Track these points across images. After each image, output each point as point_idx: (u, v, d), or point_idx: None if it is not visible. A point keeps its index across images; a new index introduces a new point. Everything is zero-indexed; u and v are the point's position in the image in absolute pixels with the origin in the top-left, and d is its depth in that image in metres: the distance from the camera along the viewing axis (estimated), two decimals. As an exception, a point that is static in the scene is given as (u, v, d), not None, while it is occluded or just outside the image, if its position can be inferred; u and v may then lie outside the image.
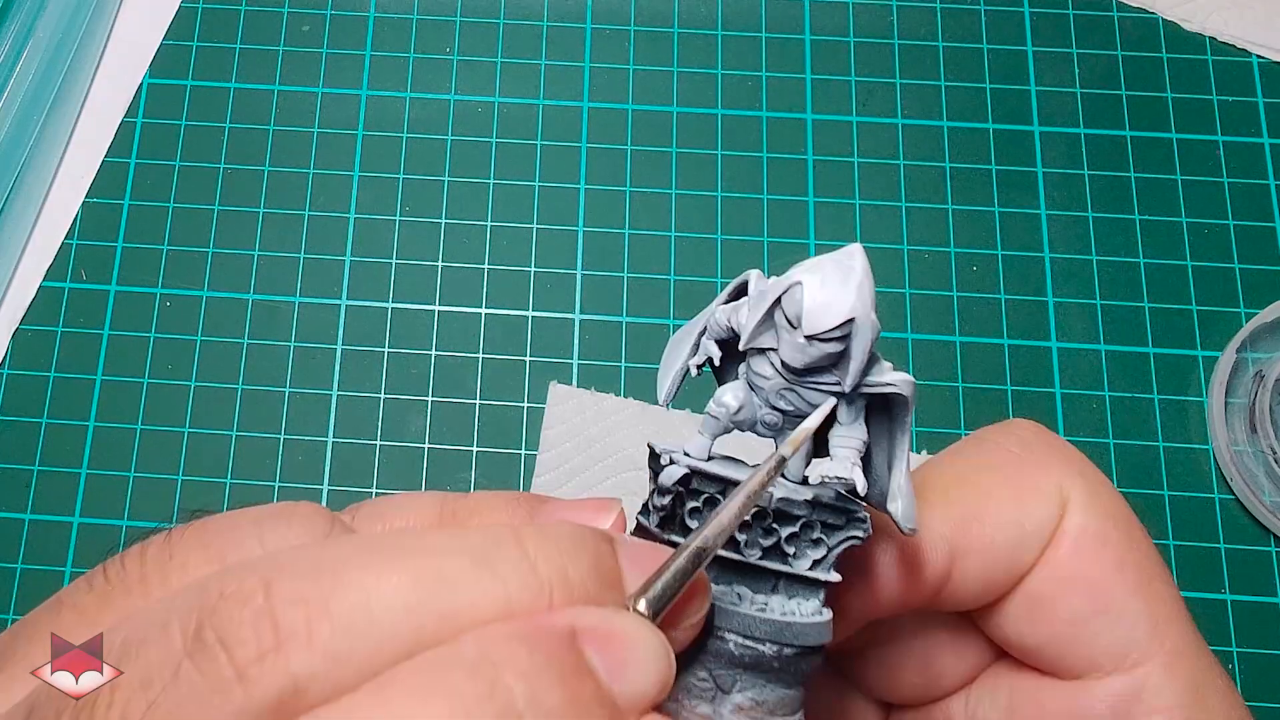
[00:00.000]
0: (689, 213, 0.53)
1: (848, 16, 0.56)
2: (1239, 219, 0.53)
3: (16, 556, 0.48)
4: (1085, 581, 0.22)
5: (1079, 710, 0.22)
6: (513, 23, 0.56)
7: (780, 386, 0.20)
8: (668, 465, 0.20)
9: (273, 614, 0.15)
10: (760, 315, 0.20)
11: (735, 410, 0.21)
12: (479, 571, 0.16)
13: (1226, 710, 0.22)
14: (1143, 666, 0.22)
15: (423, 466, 0.49)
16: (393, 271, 0.52)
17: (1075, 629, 0.22)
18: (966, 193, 0.53)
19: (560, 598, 0.16)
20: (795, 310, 0.19)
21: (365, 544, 0.17)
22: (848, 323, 0.19)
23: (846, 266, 0.19)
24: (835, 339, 0.19)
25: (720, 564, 0.20)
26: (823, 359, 0.19)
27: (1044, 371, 0.51)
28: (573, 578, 0.17)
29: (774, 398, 0.21)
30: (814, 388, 0.20)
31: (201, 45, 0.56)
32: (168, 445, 0.50)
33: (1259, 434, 0.49)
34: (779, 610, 0.20)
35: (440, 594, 0.16)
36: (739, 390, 0.21)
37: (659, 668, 0.16)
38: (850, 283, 0.19)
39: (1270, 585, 0.48)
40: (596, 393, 0.50)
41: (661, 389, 0.22)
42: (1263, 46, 0.55)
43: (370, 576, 0.16)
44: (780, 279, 0.20)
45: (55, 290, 0.52)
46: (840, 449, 0.21)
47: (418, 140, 0.54)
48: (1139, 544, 0.23)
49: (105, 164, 0.54)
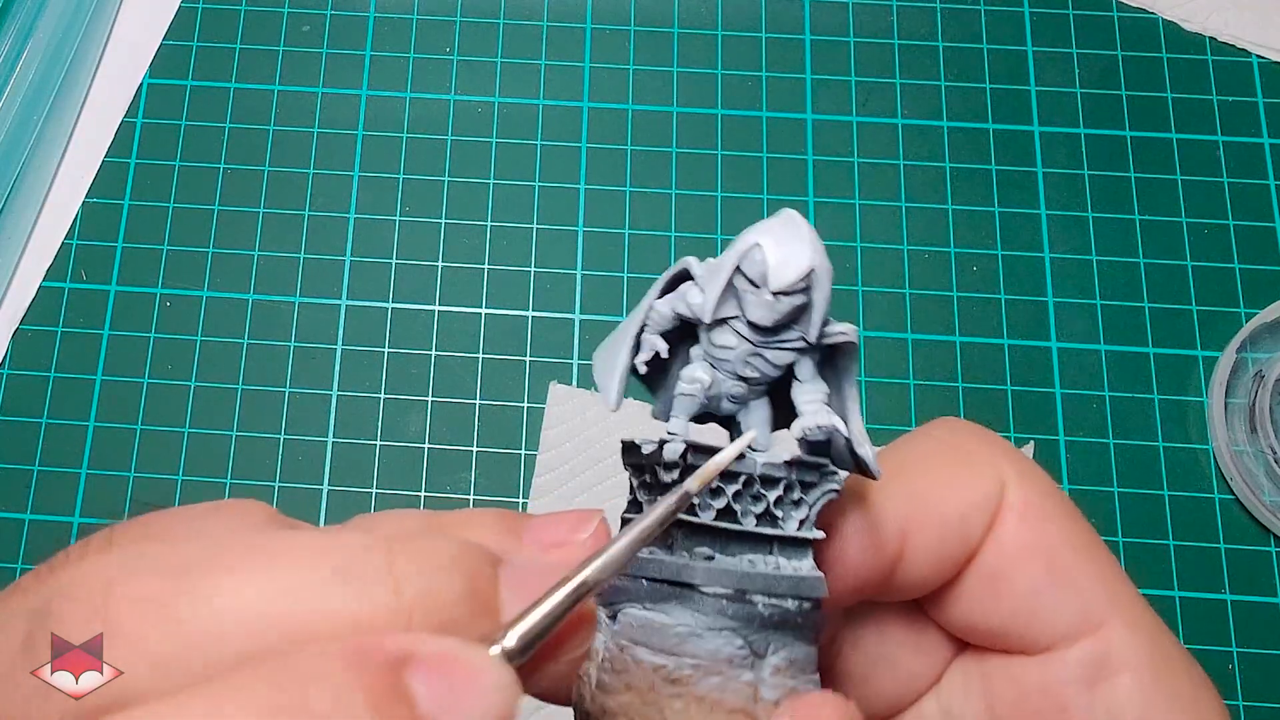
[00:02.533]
0: (689, 213, 0.53)
1: (848, 16, 0.56)
2: (1239, 219, 0.53)
3: (16, 556, 0.48)
4: (1037, 551, 0.22)
5: (1054, 678, 0.22)
6: (513, 23, 0.56)
7: (747, 353, 0.21)
8: (662, 445, 0.21)
9: (107, 614, 0.15)
10: (722, 284, 0.20)
11: (708, 385, 0.21)
12: (336, 585, 0.16)
13: (1184, 661, 0.23)
14: (1105, 629, 0.22)
15: (423, 466, 0.49)
16: (393, 271, 0.52)
17: (1035, 600, 0.22)
18: (966, 193, 0.53)
19: (420, 621, 0.16)
20: (759, 270, 0.20)
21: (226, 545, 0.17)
22: (809, 274, 0.20)
23: (793, 223, 0.20)
24: (800, 290, 0.20)
25: (725, 536, 0.21)
26: (790, 313, 0.20)
27: (1044, 371, 0.51)
28: (440, 600, 0.16)
29: (740, 366, 0.21)
30: (779, 347, 0.21)
31: (201, 45, 0.56)
32: (168, 445, 0.50)
33: (1259, 434, 0.49)
34: (789, 568, 0.21)
35: (289, 605, 0.16)
36: (705, 367, 0.21)
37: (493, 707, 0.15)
38: (802, 237, 0.20)
39: (1270, 585, 0.48)
40: (596, 393, 0.50)
41: (610, 392, 0.22)
42: (1263, 46, 0.55)
43: (219, 580, 0.16)
44: (731, 249, 0.20)
45: (55, 290, 0.52)
46: (809, 404, 0.21)
47: (418, 140, 0.54)
48: (1076, 516, 0.23)
49: (105, 164, 0.54)
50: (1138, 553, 0.48)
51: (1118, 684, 0.22)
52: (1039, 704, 0.22)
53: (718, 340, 0.21)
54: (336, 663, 0.15)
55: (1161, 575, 0.48)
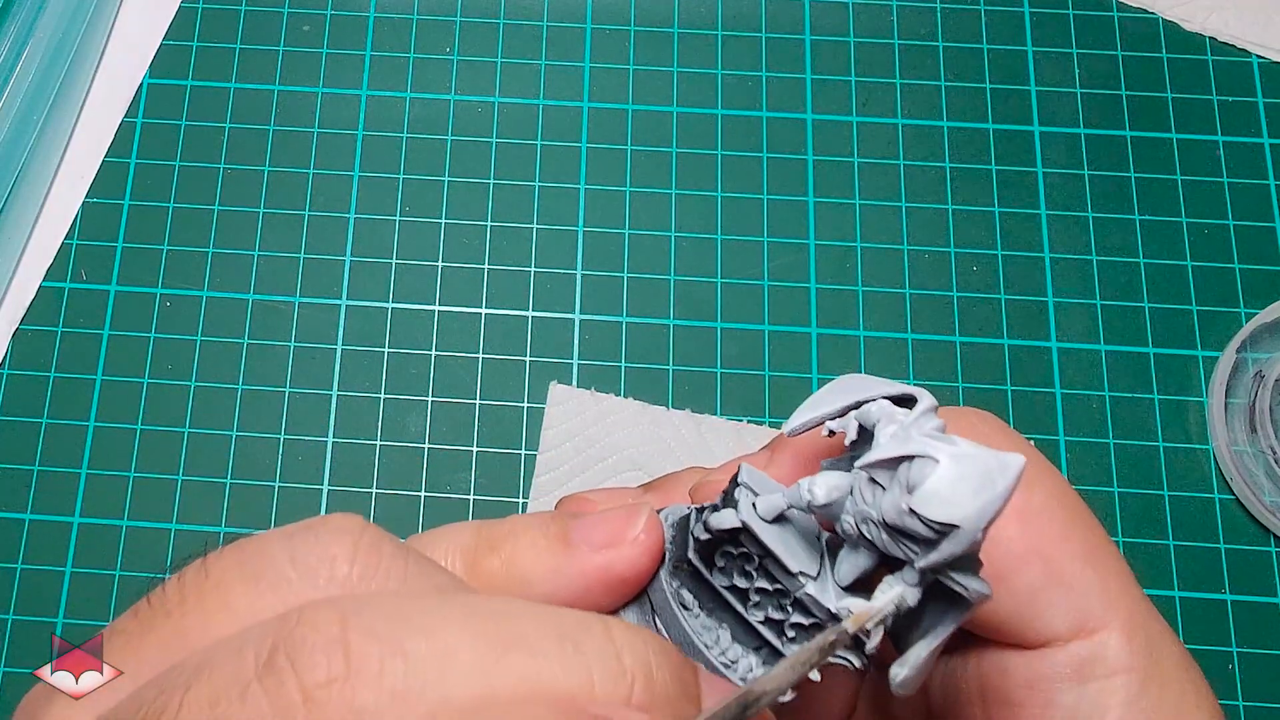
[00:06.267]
0: (689, 213, 0.53)
1: (848, 16, 0.56)
2: (1239, 219, 0.53)
3: (16, 556, 0.48)
4: (1038, 555, 0.23)
5: (1043, 672, 0.23)
6: (513, 23, 0.56)
7: (870, 517, 0.19)
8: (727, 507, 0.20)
9: (346, 644, 0.15)
10: (886, 458, 0.19)
11: (821, 504, 0.20)
12: (563, 646, 0.16)
13: (1180, 672, 0.23)
14: (1100, 633, 0.23)
15: (422, 466, 0.49)
16: (393, 271, 0.52)
17: (1033, 601, 0.23)
18: (966, 193, 0.53)
19: (641, 693, 0.16)
20: (915, 481, 0.18)
21: (450, 597, 0.17)
22: (954, 529, 0.18)
23: (993, 478, 0.18)
24: (933, 529, 0.18)
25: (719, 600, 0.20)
26: (913, 532, 0.19)
27: (1044, 371, 0.51)
28: (656, 677, 0.16)
29: (859, 520, 0.20)
30: (898, 541, 0.19)
31: (201, 45, 0.56)
32: (168, 445, 0.50)
33: (1259, 434, 0.49)
34: (743, 672, 0.20)
35: (520, 660, 0.16)
36: (839, 486, 0.20)
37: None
38: (981, 495, 0.18)
39: (1270, 585, 0.48)
40: (596, 393, 0.50)
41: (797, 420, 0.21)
42: (1263, 46, 0.55)
43: (452, 627, 0.16)
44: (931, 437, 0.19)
45: (55, 290, 0.52)
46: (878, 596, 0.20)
47: (418, 140, 0.54)
48: (1085, 519, 0.23)
49: (105, 164, 0.54)
50: (1137, 553, 0.48)
51: (1106, 687, 0.22)
52: (1024, 697, 0.23)
53: (861, 486, 0.20)
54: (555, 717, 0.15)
55: (1161, 575, 0.48)
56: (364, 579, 0.18)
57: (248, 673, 0.15)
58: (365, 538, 0.18)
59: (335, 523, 0.18)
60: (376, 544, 0.18)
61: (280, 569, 0.18)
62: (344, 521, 0.18)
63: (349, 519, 0.19)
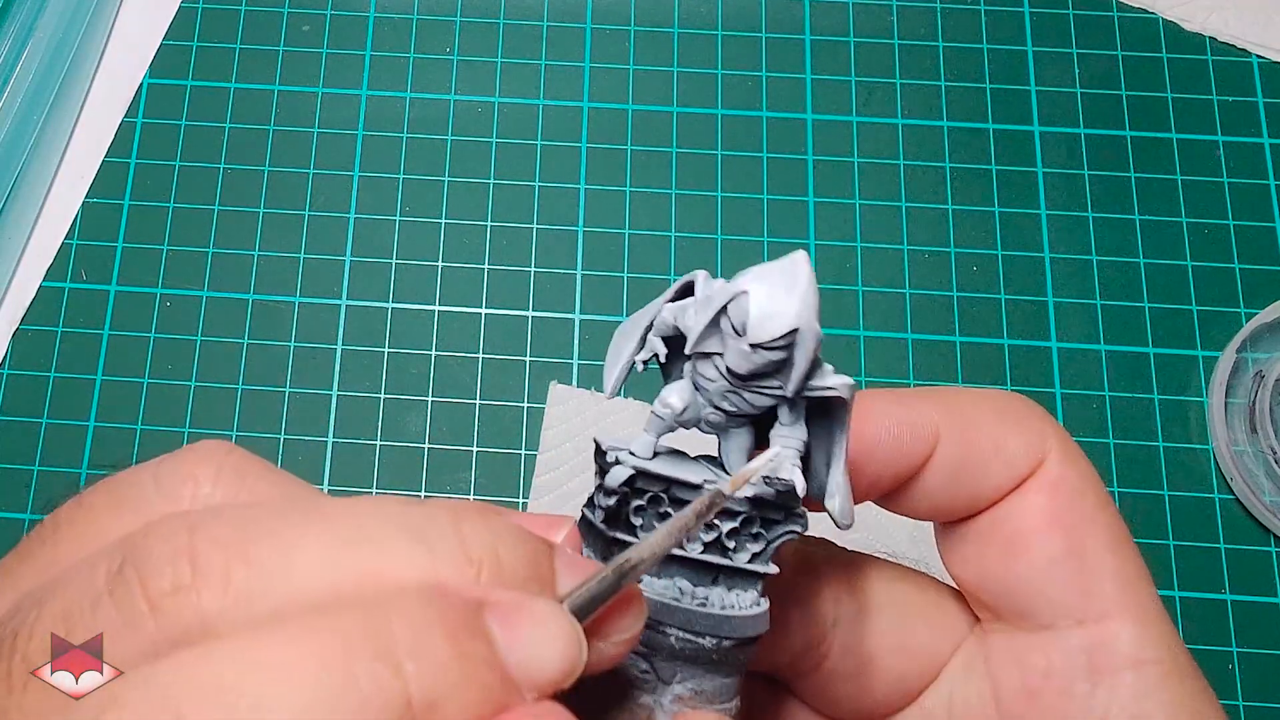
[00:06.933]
0: (689, 213, 0.53)
1: (848, 16, 0.56)
2: (1239, 219, 0.53)
3: (16, 556, 0.48)
4: (1062, 526, 0.23)
5: (1056, 663, 0.22)
6: (513, 23, 0.56)
7: (725, 389, 0.21)
8: (614, 465, 0.21)
9: (193, 553, 0.16)
10: (706, 321, 0.20)
11: (680, 411, 0.21)
12: (408, 540, 0.16)
13: (1194, 676, 0.22)
14: (1112, 621, 0.22)
15: (422, 466, 0.49)
16: (393, 271, 0.52)
17: (1049, 571, 0.22)
18: (966, 193, 0.53)
19: (489, 579, 0.16)
20: (741, 319, 0.19)
21: (294, 504, 0.17)
22: (792, 333, 0.19)
23: (791, 275, 0.19)
24: (779, 347, 0.19)
25: (667, 557, 0.20)
26: (766, 366, 0.20)
27: (1044, 371, 0.51)
28: (504, 563, 0.17)
29: (718, 399, 0.21)
30: (758, 391, 0.20)
31: (201, 45, 0.56)
32: (168, 445, 0.49)
33: (1259, 434, 0.49)
34: (719, 604, 0.21)
35: (363, 554, 0.16)
36: (684, 390, 0.21)
37: (564, 650, 0.16)
38: (795, 292, 0.19)
39: (1270, 585, 0.48)
40: (596, 393, 0.50)
41: (608, 381, 0.22)
42: (1263, 46, 0.55)
43: (294, 530, 0.16)
44: (727, 285, 0.20)
45: (55, 290, 0.52)
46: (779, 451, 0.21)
47: (418, 140, 0.54)
48: (1111, 508, 0.23)
49: (105, 164, 0.54)
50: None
51: (1120, 680, 0.22)
52: (1040, 686, 0.23)
53: (701, 369, 0.21)
54: (416, 600, 0.15)
55: (1161, 575, 0.48)
56: (228, 499, 0.18)
57: (99, 586, 0.16)
58: (230, 459, 0.19)
59: (201, 447, 0.19)
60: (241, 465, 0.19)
61: (144, 492, 0.18)
62: (210, 445, 0.19)
63: (216, 443, 0.19)
